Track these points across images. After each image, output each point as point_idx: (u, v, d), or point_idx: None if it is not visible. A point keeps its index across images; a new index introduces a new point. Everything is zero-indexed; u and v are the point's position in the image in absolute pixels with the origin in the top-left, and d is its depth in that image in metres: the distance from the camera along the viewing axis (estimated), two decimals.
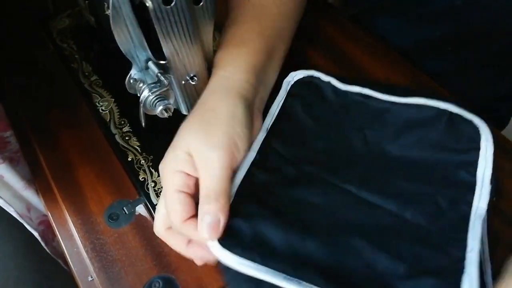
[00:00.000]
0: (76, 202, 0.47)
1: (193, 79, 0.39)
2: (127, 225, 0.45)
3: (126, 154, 0.49)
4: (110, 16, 0.33)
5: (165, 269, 0.42)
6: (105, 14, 0.34)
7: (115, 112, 0.53)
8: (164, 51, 0.35)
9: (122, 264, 0.42)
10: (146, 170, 0.47)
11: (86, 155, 0.50)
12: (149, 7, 0.32)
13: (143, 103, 0.39)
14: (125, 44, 0.35)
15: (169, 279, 0.41)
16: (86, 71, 0.58)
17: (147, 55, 0.37)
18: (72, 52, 0.60)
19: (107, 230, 0.45)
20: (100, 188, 0.48)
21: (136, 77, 0.38)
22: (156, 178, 0.47)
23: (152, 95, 0.39)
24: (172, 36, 0.34)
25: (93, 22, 0.53)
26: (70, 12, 0.65)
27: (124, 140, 0.50)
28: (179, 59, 0.37)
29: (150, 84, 0.38)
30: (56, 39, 0.62)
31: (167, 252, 0.43)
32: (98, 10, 0.50)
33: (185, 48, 0.36)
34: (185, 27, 0.35)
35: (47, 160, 0.51)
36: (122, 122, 0.52)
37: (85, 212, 0.46)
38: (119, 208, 0.46)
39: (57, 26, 0.63)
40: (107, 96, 0.55)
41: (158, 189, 0.46)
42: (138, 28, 0.35)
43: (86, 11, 0.54)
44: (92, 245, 0.44)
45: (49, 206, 0.48)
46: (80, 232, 0.45)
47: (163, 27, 0.33)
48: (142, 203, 0.46)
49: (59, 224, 0.47)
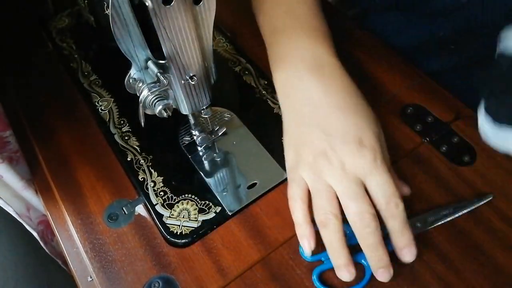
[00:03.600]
0: (76, 202, 0.47)
1: (192, 78, 0.39)
2: (127, 225, 0.45)
3: (125, 154, 0.49)
4: (110, 16, 0.33)
5: (165, 269, 0.41)
6: (105, 13, 0.34)
7: (114, 111, 0.53)
8: (163, 50, 0.35)
9: (122, 264, 0.42)
10: (146, 170, 0.47)
11: (85, 155, 0.50)
12: (149, 6, 0.32)
13: (142, 102, 0.39)
14: (125, 43, 0.35)
15: (169, 279, 0.41)
16: (85, 71, 0.57)
17: (146, 55, 0.37)
18: (71, 52, 0.60)
19: (107, 230, 0.44)
20: (100, 188, 0.48)
21: (135, 77, 0.38)
22: (156, 178, 0.47)
23: (152, 95, 0.39)
24: (172, 36, 0.34)
25: (93, 21, 0.53)
26: (70, 11, 0.65)
27: (124, 140, 0.50)
28: (178, 59, 0.36)
29: (150, 84, 0.38)
30: (55, 39, 0.62)
31: (166, 252, 0.42)
32: (97, 9, 0.50)
33: (185, 48, 0.36)
34: (185, 27, 0.34)
35: (46, 160, 0.51)
36: (121, 121, 0.52)
37: (84, 212, 0.46)
38: (118, 208, 0.46)
39: (57, 25, 0.63)
40: (106, 96, 0.55)
41: (157, 189, 0.46)
42: (137, 28, 0.34)
43: (85, 11, 0.54)
44: (92, 245, 0.44)
45: (48, 206, 0.48)
46: (80, 232, 0.45)
47: (162, 26, 0.33)
48: (142, 203, 0.46)
49: (58, 224, 0.47)
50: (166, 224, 0.44)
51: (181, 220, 0.44)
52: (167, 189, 0.46)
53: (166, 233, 0.43)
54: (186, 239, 0.43)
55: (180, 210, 0.44)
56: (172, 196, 0.45)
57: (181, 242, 0.43)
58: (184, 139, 0.50)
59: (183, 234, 0.43)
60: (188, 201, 0.45)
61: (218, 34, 0.60)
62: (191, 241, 0.43)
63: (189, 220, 0.44)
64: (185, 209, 0.44)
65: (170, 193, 0.46)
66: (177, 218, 0.44)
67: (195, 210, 0.44)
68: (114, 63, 0.42)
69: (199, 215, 0.44)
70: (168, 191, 0.46)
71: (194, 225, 0.43)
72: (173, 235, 0.43)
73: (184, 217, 0.44)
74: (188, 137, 0.49)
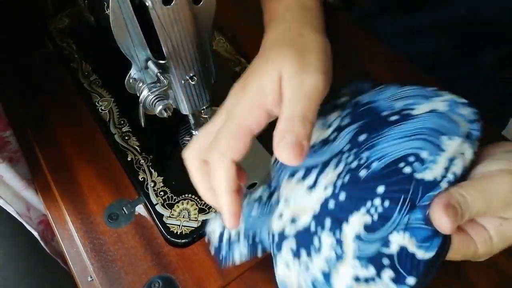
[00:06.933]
0: (76, 201, 0.47)
1: (192, 78, 0.39)
2: (127, 225, 0.45)
3: (125, 154, 0.49)
4: (110, 16, 0.33)
5: (165, 269, 0.41)
6: (105, 13, 0.34)
7: (114, 111, 0.53)
8: (163, 50, 0.35)
9: (122, 264, 0.42)
10: (146, 170, 0.47)
11: (86, 155, 0.50)
12: (149, 6, 0.32)
13: (142, 102, 0.39)
14: (125, 43, 0.35)
15: (169, 279, 0.41)
16: (85, 71, 0.57)
17: (146, 55, 0.37)
18: (71, 52, 0.60)
19: (107, 230, 0.44)
20: (100, 188, 0.48)
21: (135, 77, 0.38)
22: (156, 177, 0.47)
23: (152, 95, 0.39)
24: (172, 36, 0.34)
25: (93, 21, 0.53)
26: (70, 11, 0.65)
27: (124, 139, 0.50)
28: (178, 59, 0.36)
29: (150, 84, 0.38)
30: (55, 39, 0.62)
31: (166, 252, 0.43)
32: (97, 9, 0.50)
33: (185, 48, 0.36)
34: (185, 27, 0.34)
35: (46, 160, 0.51)
36: (121, 121, 0.52)
37: (84, 212, 0.46)
38: (118, 208, 0.46)
39: (57, 25, 0.63)
40: (106, 96, 0.55)
41: (157, 189, 0.46)
42: (137, 28, 0.34)
43: (85, 11, 0.54)
44: (92, 245, 0.44)
45: (49, 206, 0.48)
46: (80, 232, 0.45)
47: (163, 26, 0.33)
48: (142, 203, 0.46)
49: (59, 223, 0.47)
50: (166, 224, 0.44)
51: (181, 220, 0.44)
52: (167, 189, 0.46)
53: (166, 233, 0.43)
54: (186, 239, 0.43)
55: (180, 210, 0.44)
56: (172, 196, 0.45)
57: (181, 242, 0.43)
58: (184, 139, 0.50)
59: (183, 234, 0.43)
60: (188, 201, 0.45)
61: (218, 34, 0.60)
62: (191, 241, 0.43)
63: (189, 220, 0.44)
64: (185, 209, 0.45)
65: (170, 193, 0.46)
66: (177, 218, 0.44)
67: (195, 210, 0.44)
68: (114, 63, 0.42)
69: (199, 215, 0.44)
70: (168, 191, 0.46)
71: (194, 225, 0.43)
72: (173, 235, 0.43)
73: (184, 217, 0.44)
74: (188, 137, 0.49)
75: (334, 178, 0.30)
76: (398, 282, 0.26)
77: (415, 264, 0.26)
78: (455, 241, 0.27)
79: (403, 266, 0.26)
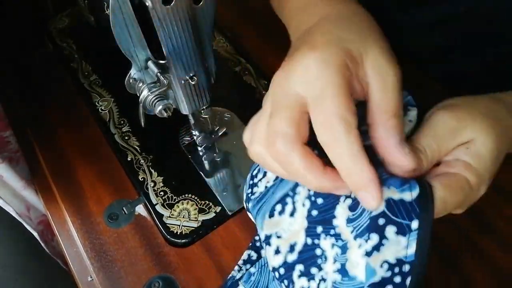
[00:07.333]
0: (76, 202, 0.47)
1: (192, 79, 0.39)
2: (127, 225, 0.45)
3: (125, 154, 0.49)
4: (110, 16, 0.33)
5: (165, 269, 0.41)
6: (105, 13, 0.34)
7: (114, 111, 0.53)
8: (163, 50, 0.35)
9: (122, 264, 0.42)
10: (146, 170, 0.47)
11: (86, 155, 0.50)
12: (149, 6, 0.32)
13: (142, 102, 0.39)
14: (125, 43, 0.35)
15: (169, 279, 0.41)
16: (85, 71, 0.57)
17: (146, 55, 0.37)
18: (71, 52, 0.60)
19: (107, 230, 0.44)
20: (100, 188, 0.48)
21: (135, 77, 0.38)
22: (156, 177, 0.47)
23: (152, 95, 0.39)
24: (172, 36, 0.34)
25: (93, 21, 0.53)
26: (70, 11, 0.65)
27: (124, 140, 0.50)
28: (178, 59, 0.36)
29: (150, 84, 0.38)
30: (55, 39, 0.62)
31: (166, 252, 0.43)
32: (97, 9, 0.50)
33: (185, 48, 0.36)
34: (185, 27, 0.34)
35: (46, 160, 0.51)
36: (121, 121, 0.52)
37: (84, 212, 0.46)
38: (118, 208, 0.46)
39: (57, 25, 0.63)
40: (106, 96, 0.55)
41: (157, 189, 0.46)
42: (137, 28, 0.34)
43: (85, 11, 0.54)
44: (92, 245, 0.44)
45: (48, 206, 0.48)
46: (80, 232, 0.45)
47: (163, 26, 0.33)
48: (142, 203, 0.46)
49: (59, 224, 0.47)
50: (166, 224, 0.44)
51: (181, 220, 0.44)
52: (167, 189, 0.46)
53: (166, 233, 0.43)
54: (186, 239, 0.43)
55: (180, 210, 0.44)
56: (172, 196, 0.45)
57: (181, 242, 0.43)
58: (184, 139, 0.50)
59: (183, 234, 0.43)
60: (188, 201, 0.45)
61: (218, 34, 0.60)
62: (191, 241, 0.43)
63: (189, 220, 0.44)
64: (185, 209, 0.45)
65: (170, 193, 0.46)
66: (177, 218, 0.44)
67: (195, 210, 0.44)
68: (114, 63, 0.42)
69: (199, 215, 0.44)
70: (168, 191, 0.46)
71: (194, 225, 0.43)
72: (173, 235, 0.43)
73: (184, 217, 0.44)
74: (188, 137, 0.49)
75: (306, 192, 0.31)
76: (404, 232, 0.26)
77: (407, 207, 0.26)
78: (444, 181, 0.27)
79: (399, 215, 0.26)
